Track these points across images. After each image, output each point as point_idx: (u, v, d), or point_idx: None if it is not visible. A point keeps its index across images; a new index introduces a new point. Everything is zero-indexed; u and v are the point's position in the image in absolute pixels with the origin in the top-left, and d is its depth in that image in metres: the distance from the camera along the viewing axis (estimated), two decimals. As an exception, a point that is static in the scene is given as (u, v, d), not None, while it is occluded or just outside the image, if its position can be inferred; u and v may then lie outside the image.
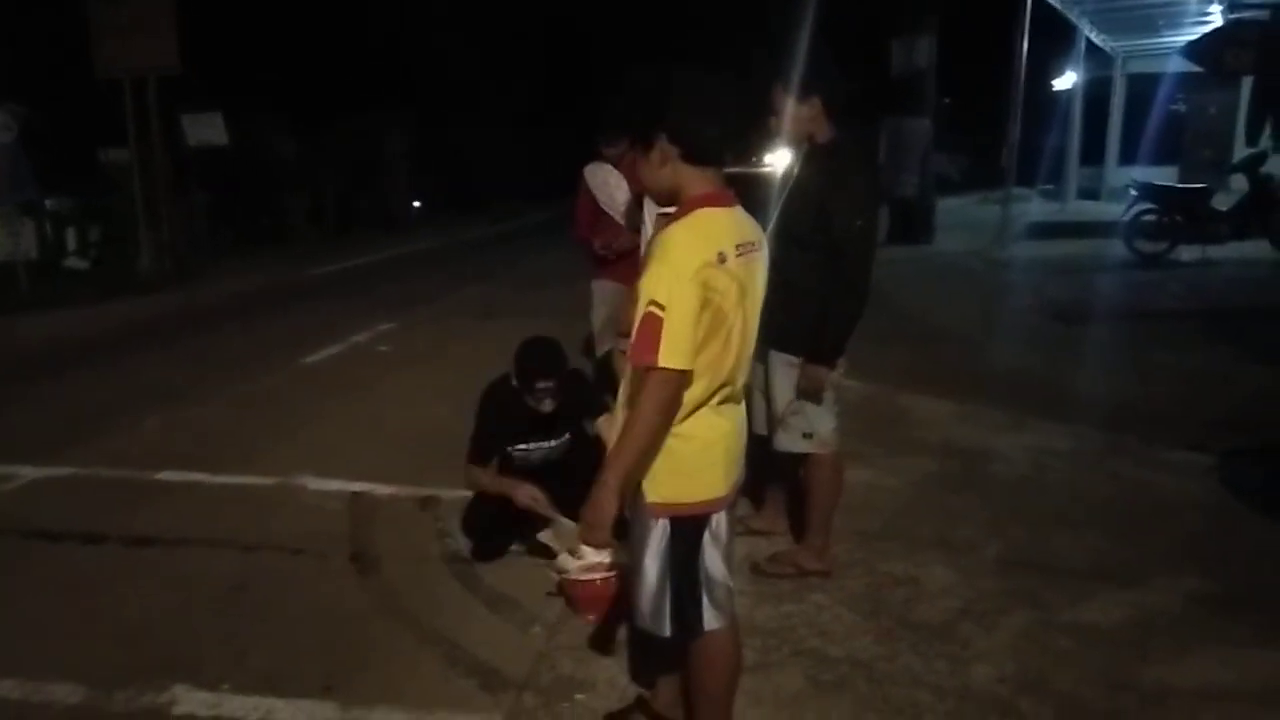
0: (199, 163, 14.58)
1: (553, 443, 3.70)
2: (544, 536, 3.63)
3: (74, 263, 13.34)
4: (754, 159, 9.52)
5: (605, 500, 2.02)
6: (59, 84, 13.61)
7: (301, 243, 17.13)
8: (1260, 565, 3.58)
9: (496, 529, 3.73)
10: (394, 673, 2.95)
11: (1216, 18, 13.86)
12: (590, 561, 3.32)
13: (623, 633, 3.05)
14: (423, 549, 3.87)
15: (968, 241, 13.78)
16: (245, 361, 7.46)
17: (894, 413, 5.63)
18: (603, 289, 4.99)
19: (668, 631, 2.21)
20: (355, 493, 4.47)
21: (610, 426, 2.37)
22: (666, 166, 2.08)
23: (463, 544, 3.82)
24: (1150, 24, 16.01)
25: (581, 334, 5.74)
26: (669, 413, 2.01)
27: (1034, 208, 18.38)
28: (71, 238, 13.50)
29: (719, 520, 2.21)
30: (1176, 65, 16.16)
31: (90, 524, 4.13)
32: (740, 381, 2.20)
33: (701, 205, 2.07)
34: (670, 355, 1.94)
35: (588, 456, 3.49)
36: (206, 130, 13.67)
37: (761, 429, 3.44)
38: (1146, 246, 11.43)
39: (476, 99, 25.47)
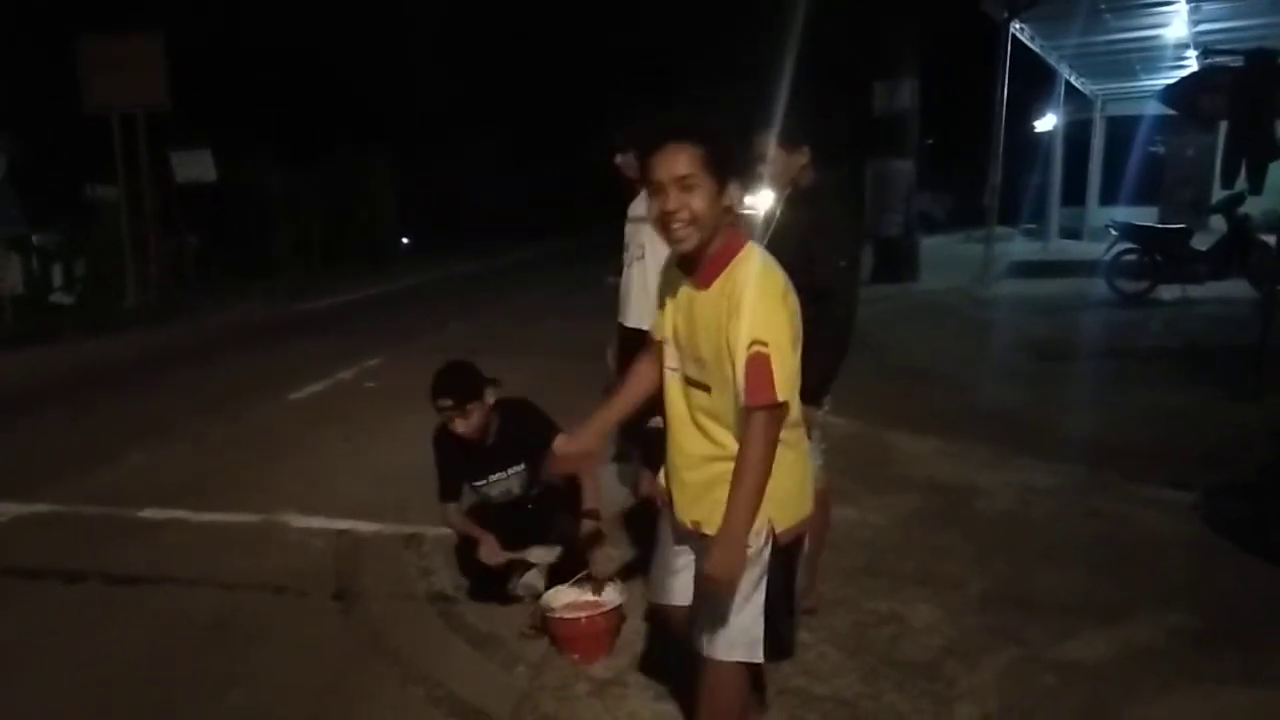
0: (186, 199, 14.60)
1: (506, 473, 3.59)
2: (532, 570, 3.61)
3: (59, 297, 13.31)
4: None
5: (737, 552, 2.06)
6: (47, 119, 13.65)
7: (288, 278, 17.12)
8: (1242, 602, 3.59)
9: (492, 568, 3.71)
10: (377, 712, 2.92)
11: (1192, 63, 14.18)
12: (574, 599, 3.32)
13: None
14: (407, 587, 3.86)
15: (952, 280, 13.89)
16: (230, 398, 7.43)
17: (879, 450, 5.65)
18: None
19: (763, 657, 2.22)
20: (339, 530, 4.45)
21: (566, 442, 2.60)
22: (729, 210, 2.09)
23: (447, 582, 3.80)
24: (1128, 68, 16.33)
25: (569, 368, 5.76)
26: (775, 445, 2.05)
27: (1017, 247, 18.56)
28: (58, 273, 13.48)
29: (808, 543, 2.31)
30: (1155, 108, 16.42)
31: (71, 562, 4.10)
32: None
33: (744, 243, 2.13)
34: (784, 389, 2.00)
35: (547, 488, 3.54)
36: (195, 167, 13.74)
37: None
38: (1127, 286, 11.56)
39: (466, 135, 25.65)
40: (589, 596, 3.33)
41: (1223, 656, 3.17)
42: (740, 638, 2.19)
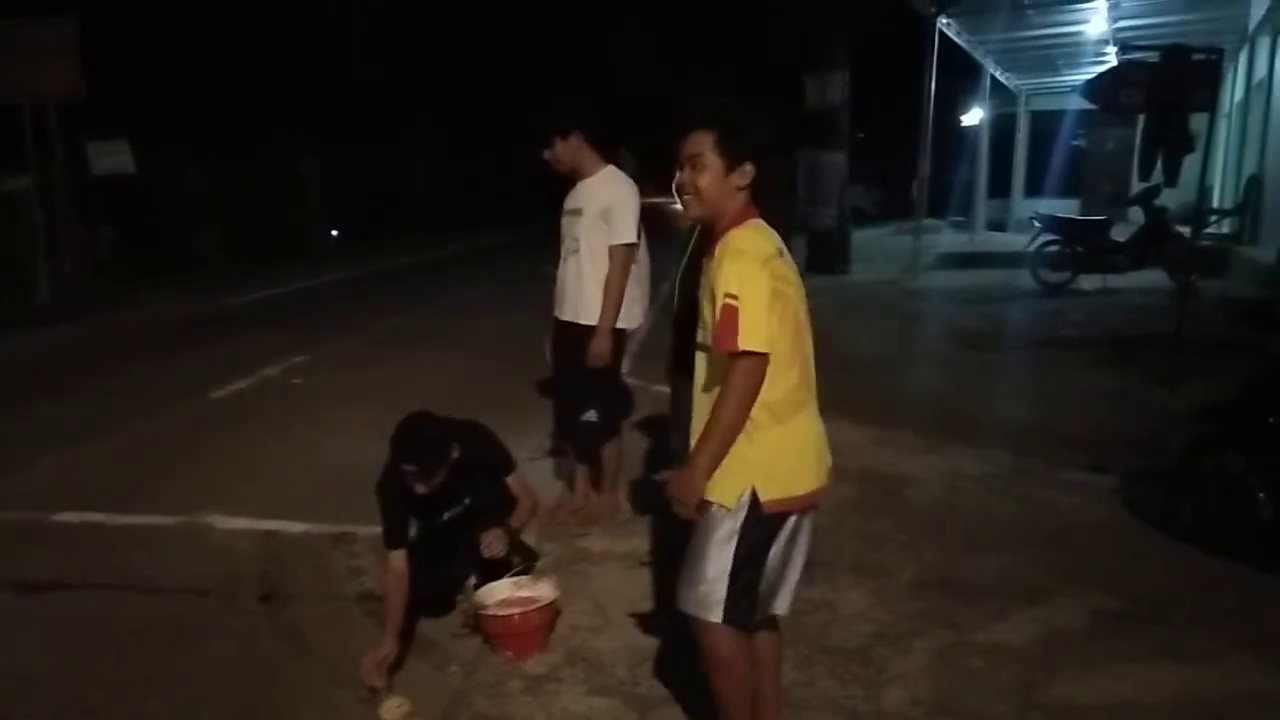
0: (103, 191, 14.09)
1: (459, 507, 3.43)
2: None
3: (-33, 293, 12.75)
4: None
5: (695, 481, 2.17)
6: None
7: (211, 273, 16.65)
8: (1160, 582, 3.70)
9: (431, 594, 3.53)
10: (305, 716, 2.85)
11: (1112, 58, 14.58)
12: (508, 596, 3.28)
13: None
14: (336, 588, 3.78)
15: (882, 271, 14.12)
16: (149, 397, 7.18)
17: (812, 440, 5.70)
18: None
19: (718, 617, 2.24)
20: (265, 531, 4.34)
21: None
22: (740, 190, 2.28)
23: (377, 581, 3.71)
24: (1051, 64, 16.74)
25: (505, 363, 5.68)
26: (753, 396, 2.15)
27: (945, 239, 18.94)
28: (-36, 267, 12.91)
29: (797, 520, 2.32)
30: (1077, 103, 16.89)
31: (-20, 569, 3.92)
32: (813, 384, 2.35)
33: (750, 216, 2.30)
34: (749, 339, 2.09)
35: (494, 509, 3.45)
36: (112, 158, 13.25)
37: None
38: (1050, 276, 11.88)
39: (400, 125, 25.22)
40: (522, 593, 3.29)
41: (1143, 635, 3.26)
42: (704, 597, 2.25)
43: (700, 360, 2.33)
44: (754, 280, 2.13)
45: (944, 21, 13.03)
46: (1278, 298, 9.21)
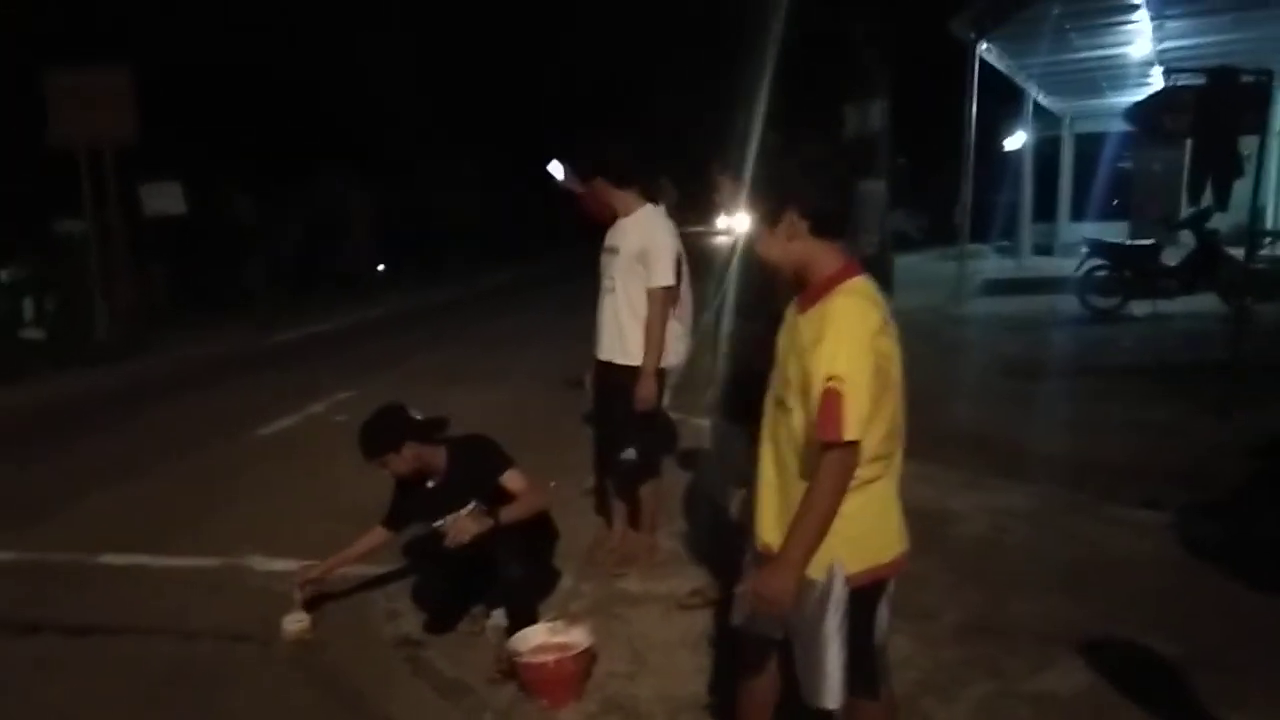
0: (156, 230, 14.45)
1: (457, 515, 3.55)
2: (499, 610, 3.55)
3: (31, 333, 13.10)
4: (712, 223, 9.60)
5: (787, 577, 2.06)
6: (13, 153, 13.49)
7: (262, 309, 16.97)
8: (1218, 624, 3.56)
9: (446, 598, 3.71)
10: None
11: (1157, 80, 14.36)
12: (543, 642, 3.25)
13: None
14: (372, 631, 3.77)
15: (925, 298, 13.94)
16: (197, 435, 7.30)
17: (854, 475, 5.60)
18: None
19: (835, 704, 2.19)
20: (305, 573, 4.35)
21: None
22: (796, 241, 2.13)
23: (414, 625, 3.72)
24: (1095, 86, 16.54)
25: (548, 398, 5.68)
26: (847, 483, 2.04)
27: (990, 264, 18.69)
28: (29, 307, 13.29)
29: (892, 584, 2.24)
30: (1123, 125, 16.62)
31: (27, 612, 3.99)
32: (900, 447, 2.22)
33: (851, 274, 2.13)
34: (854, 428, 1.98)
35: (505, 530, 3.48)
36: (163, 200, 13.60)
37: (725, 501, 3.41)
38: (1099, 302, 11.64)
39: (443, 159, 25.58)
40: (558, 639, 3.26)
41: (1200, 682, 3.13)
42: (836, 686, 2.18)
43: (780, 420, 2.19)
44: (861, 362, 2.01)
45: (984, 47, 12.94)
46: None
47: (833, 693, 2.18)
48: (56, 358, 11.34)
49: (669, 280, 4.01)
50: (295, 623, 3.62)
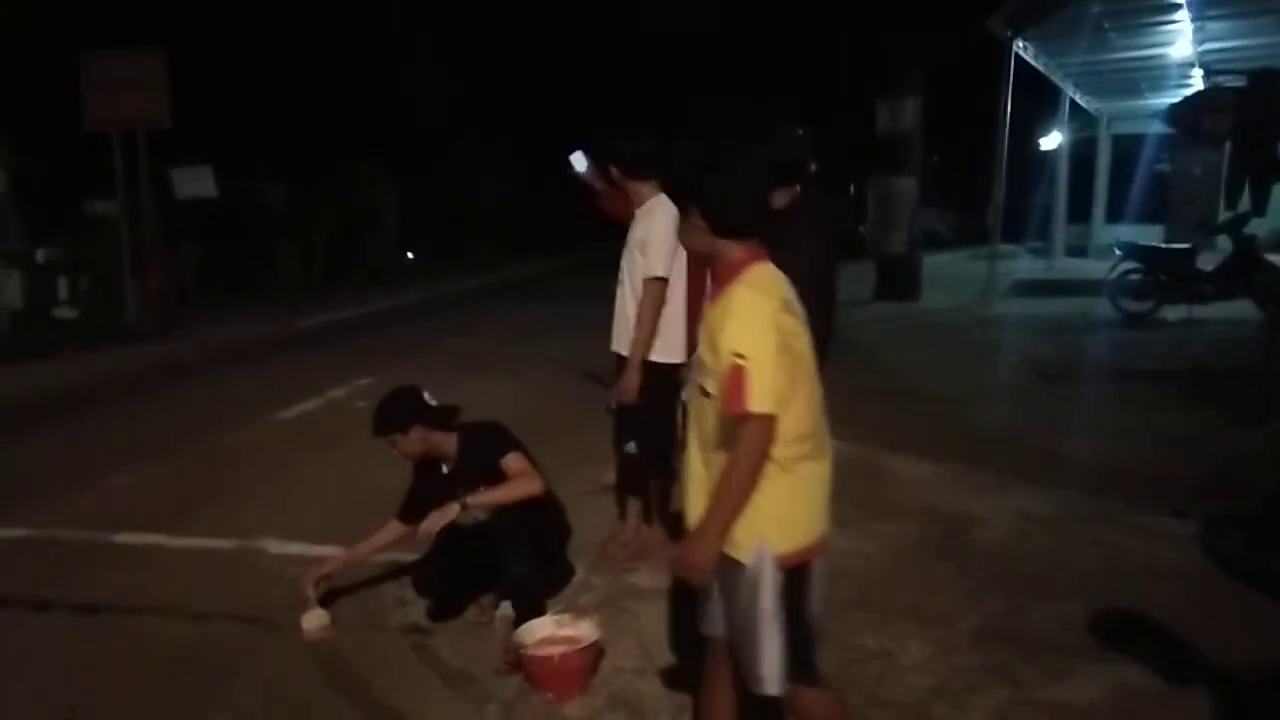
0: (188, 214, 14.58)
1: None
2: (506, 602, 3.53)
3: (64, 312, 13.25)
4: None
5: (706, 546, 2.13)
6: (48, 134, 13.63)
7: (290, 294, 17.10)
8: (1242, 638, 3.46)
9: (451, 587, 3.68)
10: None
11: (1197, 82, 14.10)
12: (550, 634, 3.22)
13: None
14: (381, 618, 3.75)
15: (955, 298, 13.79)
16: (219, 416, 7.34)
17: (876, 475, 5.53)
18: None
19: (780, 689, 2.22)
20: (317, 558, 4.32)
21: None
22: (698, 235, 2.21)
23: (423, 613, 3.70)
24: (1133, 87, 16.27)
25: (570, 389, 5.65)
26: (764, 458, 2.10)
27: (1021, 265, 18.46)
28: (63, 287, 13.45)
29: (820, 561, 2.28)
30: (1161, 126, 16.36)
31: (39, 589, 4.01)
32: (824, 428, 2.27)
33: (750, 262, 2.19)
34: (760, 400, 2.04)
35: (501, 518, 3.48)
36: (195, 183, 13.69)
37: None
38: (1132, 306, 11.43)
39: (471, 148, 25.62)
40: (565, 632, 3.22)
41: (1222, 699, 3.04)
42: (774, 673, 2.21)
43: (700, 406, 2.24)
44: (764, 340, 2.07)
45: (1020, 45, 12.74)
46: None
47: (773, 678, 2.21)
48: (86, 338, 11.46)
49: (660, 271, 3.90)
50: (316, 619, 3.56)
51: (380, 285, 18.70)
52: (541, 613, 3.39)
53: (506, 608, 3.49)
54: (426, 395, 3.66)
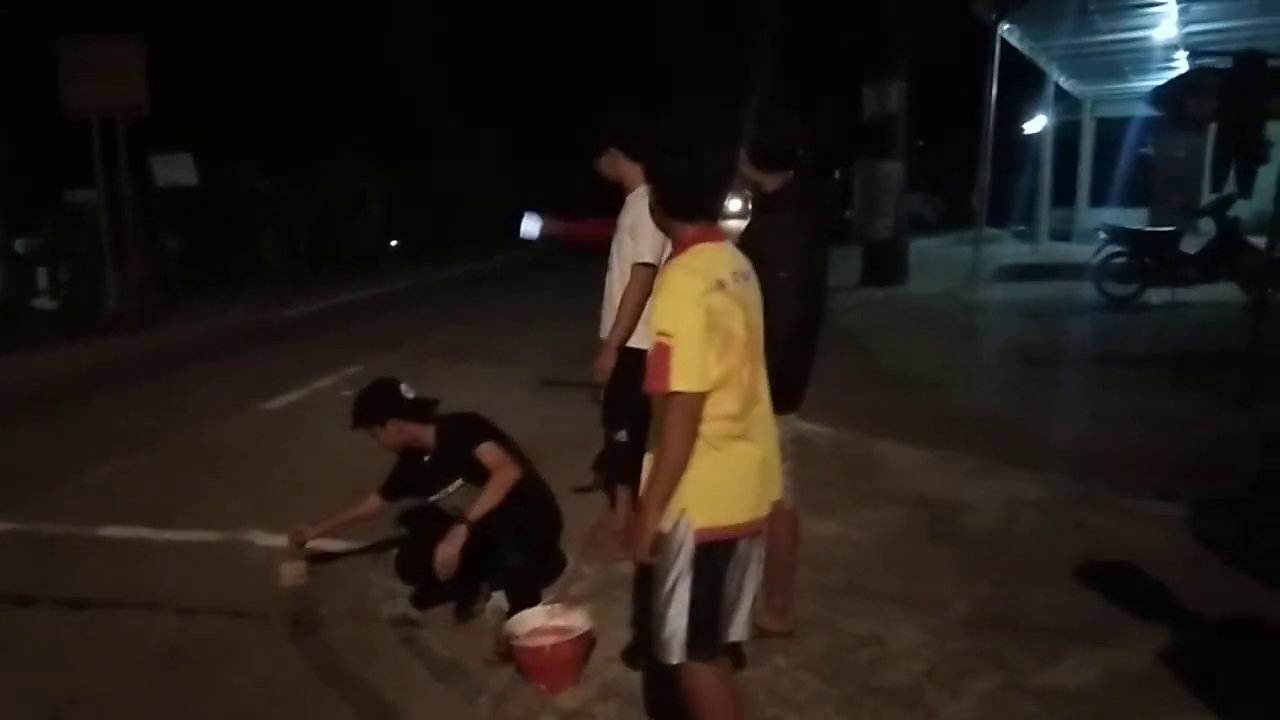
0: (169, 202, 14.42)
1: (448, 490, 3.68)
2: (499, 593, 3.51)
3: (43, 303, 13.13)
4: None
5: (645, 524, 2.17)
6: (26, 122, 13.45)
7: (274, 283, 16.96)
8: (1231, 620, 3.48)
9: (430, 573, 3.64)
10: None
11: (1182, 64, 14.11)
12: (541, 625, 3.20)
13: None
14: (370, 610, 3.73)
15: (941, 282, 13.81)
16: (204, 408, 7.28)
17: (864, 461, 5.54)
18: None
19: (678, 658, 2.25)
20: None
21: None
22: (657, 213, 2.31)
23: (411, 606, 3.68)
24: (1118, 70, 16.27)
25: (559, 375, 5.62)
26: (692, 433, 2.13)
27: (1007, 249, 18.51)
28: (42, 277, 13.30)
29: (747, 545, 2.30)
30: (1145, 110, 16.37)
31: (22, 584, 3.96)
32: (766, 407, 2.30)
33: (695, 242, 2.23)
34: (682, 379, 2.07)
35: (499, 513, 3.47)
36: (175, 171, 13.55)
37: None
38: (1116, 289, 11.46)
39: (460, 136, 25.44)
40: (556, 622, 3.21)
41: (1212, 679, 3.05)
42: (670, 639, 2.25)
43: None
44: (688, 320, 2.09)
45: (1006, 27, 12.72)
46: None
47: (674, 647, 2.24)
48: (65, 329, 11.34)
49: (650, 258, 3.79)
50: (293, 569, 3.75)
51: (366, 274, 18.57)
52: (536, 602, 3.38)
53: (500, 599, 3.47)
54: (404, 388, 3.71)
